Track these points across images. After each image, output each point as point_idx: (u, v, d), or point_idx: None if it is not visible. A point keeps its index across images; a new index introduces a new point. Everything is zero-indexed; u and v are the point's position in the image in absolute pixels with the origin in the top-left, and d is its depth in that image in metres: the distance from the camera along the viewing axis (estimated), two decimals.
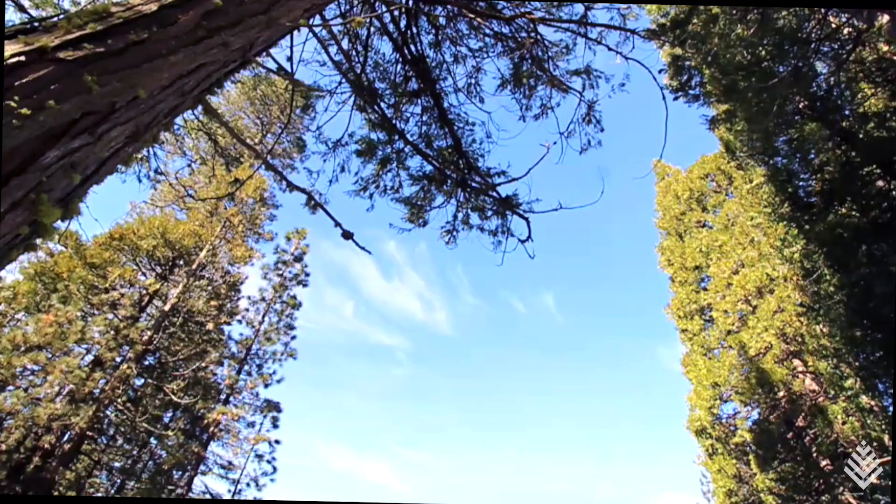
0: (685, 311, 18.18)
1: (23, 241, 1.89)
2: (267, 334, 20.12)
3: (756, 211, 13.74)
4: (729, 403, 16.13)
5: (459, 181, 6.44)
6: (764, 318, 13.98)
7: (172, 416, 16.15)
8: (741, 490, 15.60)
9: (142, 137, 2.41)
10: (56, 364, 13.53)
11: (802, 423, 14.60)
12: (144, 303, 15.97)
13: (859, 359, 11.65)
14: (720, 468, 15.61)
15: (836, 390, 12.57)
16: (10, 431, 14.17)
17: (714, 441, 15.81)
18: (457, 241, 7.28)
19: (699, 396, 16.02)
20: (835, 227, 10.42)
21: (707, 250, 17.74)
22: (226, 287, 18.03)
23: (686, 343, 18.04)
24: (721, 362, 15.52)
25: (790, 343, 13.76)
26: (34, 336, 13.81)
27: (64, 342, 14.01)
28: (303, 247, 22.63)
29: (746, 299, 15.32)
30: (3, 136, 1.72)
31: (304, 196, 5.72)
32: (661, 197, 21.87)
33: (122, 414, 14.53)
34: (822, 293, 11.52)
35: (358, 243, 4.49)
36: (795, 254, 12.02)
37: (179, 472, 16.30)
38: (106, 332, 14.74)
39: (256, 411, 18.78)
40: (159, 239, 16.15)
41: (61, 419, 12.89)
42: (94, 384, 13.75)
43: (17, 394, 13.85)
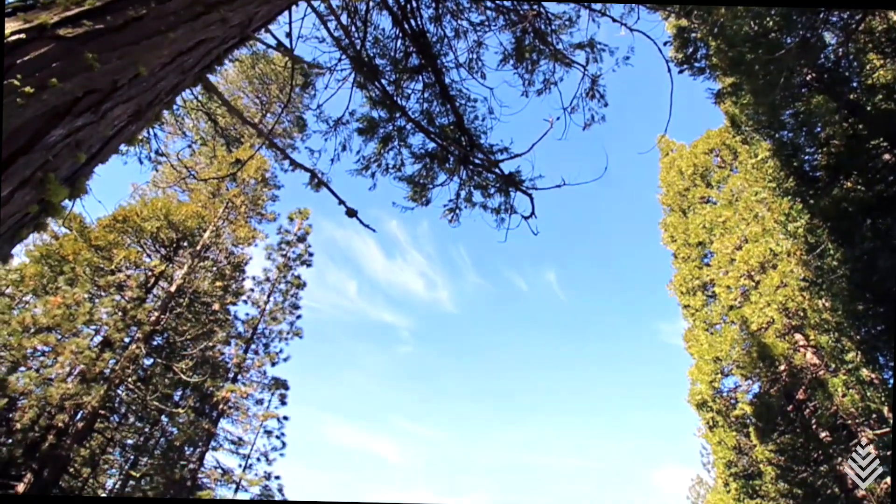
0: (687, 287, 18.24)
1: (32, 219, 1.92)
2: (272, 314, 20.34)
3: (760, 186, 13.63)
4: (730, 377, 16.33)
5: (462, 158, 6.41)
6: (766, 294, 14.02)
7: (182, 395, 16.47)
8: (741, 461, 15.91)
9: (144, 116, 2.41)
10: (66, 345, 13.76)
11: (802, 395, 14.78)
12: (150, 284, 16.11)
13: (860, 332, 11.73)
14: (720, 440, 15.89)
15: (836, 364, 12.67)
16: (24, 411, 14.50)
17: (714, 414, 16.06)
18: (459, 220, 7.28)
19: (700, 371, 16.20)
20: (840, 202, 10.35)
21: (710, 226, 17.68)
22: (230, 268, 18.14)
23: (688, 319, 18.16)
24: (723, 337, 15.64)
25: (792, 318, 13.82)
26: (43, 318, 14.01)
27: (73, 323, 14.21)
28: (305, 227, 22.66)
29: (749, 275, 15.33)
30: (8, 115, 1.73)
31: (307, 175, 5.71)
32: (665, 173, 21.69)
33: (132, 393, 14.82)
34: (826, 268, 11.52)
35: (362, 221, 4.50)
36: (799, 229, 11.97)
37: (191, 447, 16.72)
38: (113, 313, 14.92)
39: (264, 389, 19.14)
40: (163, 220, 16.18)
41: (73, 398, 13.15)
42: (105, 364, 13.99)
43: (29, 374, 14.13)
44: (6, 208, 1.76)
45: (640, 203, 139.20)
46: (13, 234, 1.85)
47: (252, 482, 17.89)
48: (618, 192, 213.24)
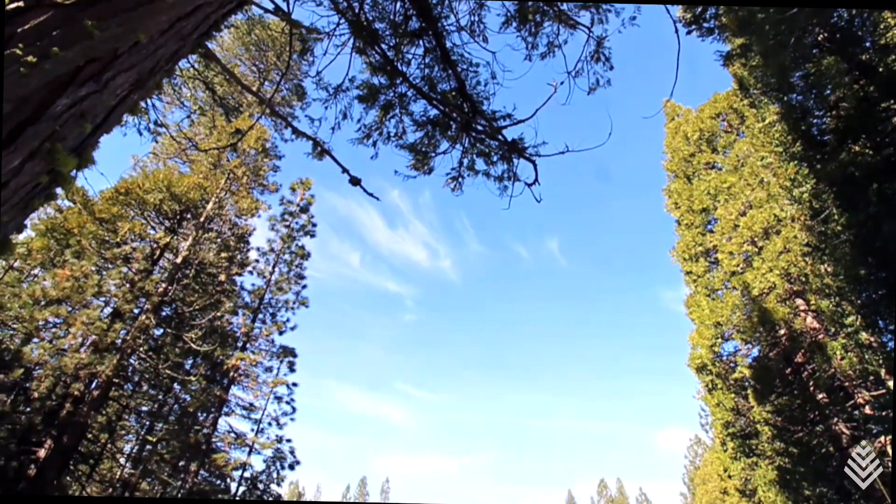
0: (690, 254, 18.26)
1: (43, 190, 1.95)
2: (278, 284, 20.57)
3: (767, 151, 13.44)
4: (730, 342, 16.56)
5: (464, 125, 6.33)
6: (769, 259, 14.04)
7: (193, 363, 16.86)
8: (738, 422, 16.33)
9: (146, 85, 2.40)
10: (77, 316, 14.02)
11: (801, 359, 15.01)
12: (156, 256, 16.24)
13: (861, 297, 11.80)
14: (719, 402, 16.25)
15: (836, 328, 12.80)
16: (40, 380, 14.93)
17: (714, 377, 16.37)
18: (462, 188, 7.26)
19: (701, 335, 16.41)
20: (846, 166, 10.23)
21: (715, 192, 17.54)
22: (234, 239, 18.23)
23: (690, 285, 18.26)
24: (724, 303, 15.77)
25: (794, 283, 13.88)
26: (53, 290, 14.22)
27: (82, 295, 14.43)
28: (308, 197, 22.61)
29: (752, 241, 15.31)
30: (13, 85, 1.74)
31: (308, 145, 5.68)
32: (670, 138, 21.36)
33: (144, 362, 15.18)
34: (829, 233, 11.50)
35: (366, 189, 4.51)
36: (805, 194, 11.88)
37: (204, 413, 17.25)
38: (121, 285, 15.12)
39: (273, 357, 19.57)
40: (165, 193, 16.17)
41: (87, 368, 13.50)
42: (116, 335, 14.28)
43: (43, 345, 14.47)
44: (18, 179, 1.79)
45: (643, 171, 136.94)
46: (25, 204, 1.89)
47: (264, 445, 18.54)
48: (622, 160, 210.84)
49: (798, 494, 15.36)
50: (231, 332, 17.91)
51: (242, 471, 18.24)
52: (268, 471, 19.22)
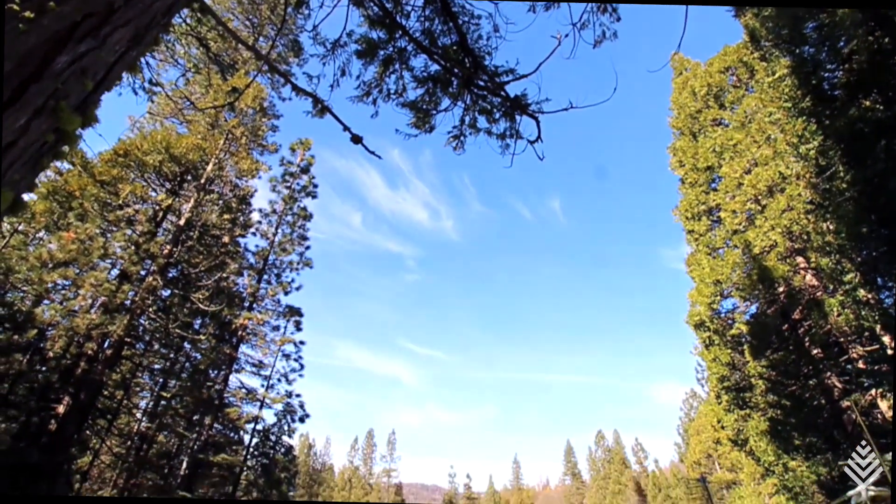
0: (693, 213, 18.19)
1: (50, 148, 1.97)
2: (282, 245, 20.71)
3: (776, 106, 13.13)
4: (729, 299, 16.77)
5: (466, 81, 6.21)
6: (772, 217, 14.00)
7: (202, 323, 17.24)
8: (733, 376, 16.78)
9: (143, 40, 2.38)
10: (85, 278, 14.23)
11: (798, 315, 15.25)
12: (159, 218, 16.29)
13: (861, 254, 11.86)
14: (715, 357, 16.63)
15: (834, 285, 12.93)
16: (54, 340, 15.33)
17: (711, 333, 16.68)
18: (464, 147, 7.19)
19: (700, 293, 16.60)
20: (855, 122, 10.03)
21: (721, 150, 17.28)
22: (236, 201, 18.20)
23: (691, 243, 18.30)
24: (724, 261, 15.86)
25: (795, 241, 13.91)
26: (59, 253, 14.37)
27: (88, 258, 14.59)
28: (308, 158, 22.39)
29: (756, 199, 15.22)
30: (13, 42, 1.73)
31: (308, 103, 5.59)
32: (677, 94, 20.82)
33: (154, 322, 15.53)
34: (834, 190, 11.42)
35: (367, 147, 4.48)
36: (811, 150, 11.71)
37: (215, 370, 17.81)
38: (127, 247, 15.25)
39: (279, 316, 19.98)
40: (164, 154, 16.02)
41: (99, 328, 13.82)
42: (125, 296, 14.53)
43: (54, 307, 14.77)
44: (25, 137, 1.82)
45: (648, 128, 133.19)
46: (35, 163, 1.92)
47: (275, 400, 19.24)
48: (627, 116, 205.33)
49: (788, 443, 15.96)
50: (237, 292, 18.20)
51: (255, 424, 19.02)
52: (279, 424, 20.04)
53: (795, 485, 16.00)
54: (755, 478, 31.62)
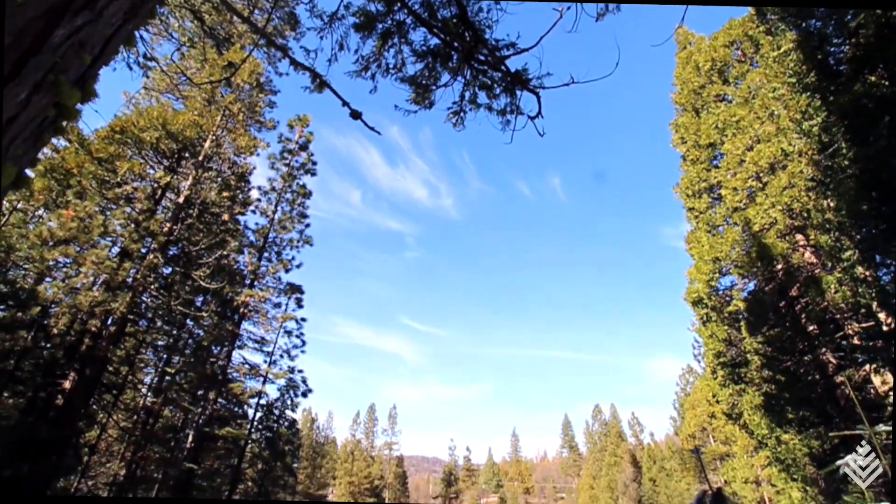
0: (694, 190, 18.13)
1: (51, 123, 1.97)
2: (282, 223, 20.70)
3: (780, 81, 12.94)
4: (727, 277, 16.86)
5: (466, 55, 6.12)
6: (773, 195, 13.96)
7: (204, 300, 17.38)
8: (729, 352, 17.00)
9: (139, 13, 2.35)
10: (86, 256, 14.27)
11: (796, 292, 15.36)
12: (158, 196, 16.24)
13: (861, 232, 11.88)
14: (712, 333, 16.81)
15: (833, 262, 12.99)
16: (57, 317, 15.47)
17: (709, 310, 16.82)
18: (464, 123, 7.13)
19: (699, 270, 16.68)
20: (860, 98, 9.92)
21: (723, 126, 17.10)
22: (235, 178, 18.12)
23: (691, 221, 18.29)
24: (724, 238, 15.88)
25: (795, 218, 13.90)
26: (59, 231, 14.37)
27: (89, 236, 14.60)
28: (307, 135, 22.17)
29: (758, 176, 15.14)
30: (11, 14, 1.72)
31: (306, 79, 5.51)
32: (681, 69, 20.48)
33: (157, 299, 15.64)
34: (836, 167, 11.36)
35: (366, 123, 4.45)
36: (814, 127, 11.59)
37: (218, 347, 18.04)
38: (126, 225, 15.25)
39: (281, 294, 20.14)
40: (161, 131, 15.87)
41: (102, 305, 13.93)
42: (126, 273, 14.61)
43: (56, 284, 14.85)
44: (26, 112, 1.82)
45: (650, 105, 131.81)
46: (36, 138, 1.93)
47: (278, 375, 19.54)
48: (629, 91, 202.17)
49: (781, 417, 16.29)
50: (238, 270, 18.29)
51: (258, 398, 19.37)
52: (282, 398, 20.40)
53: (787, 457, 16.40)
54: (748, 450, 32.40)
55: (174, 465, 17.65)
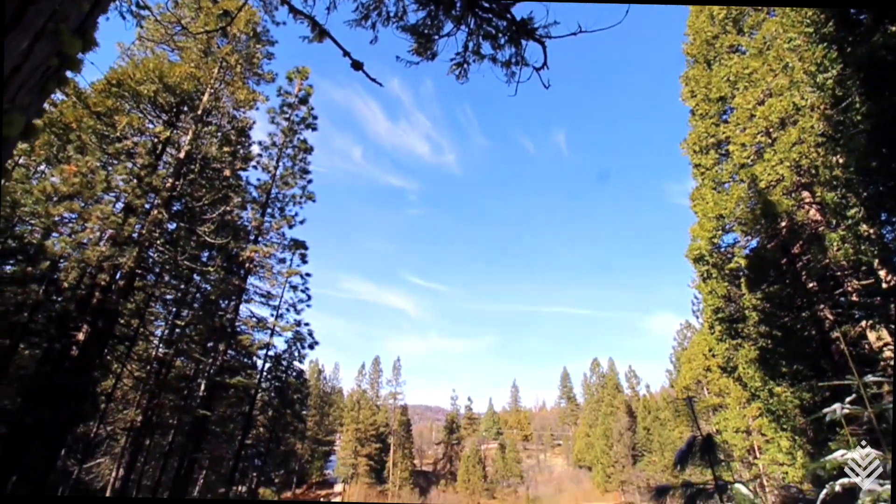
0: (701, 146, 17.82)
1: (55, 73, 1.98)
2: (284, 178, 20.60)
3: (797, 32, 12.43)
4: (730, 234, 16.87)
5: (470, 2, 5.91)
6: (781, 151, 13.73)
7: (209, 256, 17.60)
8: (728, 308, 17.26)
9: None
10: (91, 211, 14.34)
11: (798, 250, 15.40)
12: (159, 151, 16.11)
13: (868, 189, 11.76)
14: (712, 290, 17.01)
15: (837, 219, 12.94)
16: (67, 272, 15.74)
17: (710, 267, 16.95)
18: (468, 76, 6.97)
19: (702, 228, 16.67)
20: (878, 49, 9.56)
21: (735, 79, 16.58)
22: (235, 133, 17.88)
23: (697, 178, 18.10)
24: (729, 195, 15.77)
25: (802, 175, 13.72)
26: (63, 186, 14.38)
27: (92, 191, 14.61)
28: (306, 88, 21.66)
29: (767, 131, 14.83)
30: None
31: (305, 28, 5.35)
32: (694, 18, 19.63)
33: (163, 254, 15.84)
34: (848, 122, 11.11)
35: (368, 74, 4.37)
36: (829, 80, 11.25)
37: (225, 301, 18.44)
38: (129, 180, 15.23)
39: (285, 249, 20.35)
40: (158, 83, 15.53)
41: (109, 260, 14.14)
42: (131, 229, 14.73)
43: (63, 239, 15.01)
44: (29, 62, 1.82)
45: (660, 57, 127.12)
46: (41, 88, 1.94)
47: (284, 328, 20.07)
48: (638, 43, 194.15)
49: (775, 371, 16.75)
50: (242, 226, 18.40)
51: (266, 350, 19.99)
52: (289, 350, 21.05)
53: (779, 408, 16.98)
54: (741, 402, 33.50)
55: (188, 411, 18.46)
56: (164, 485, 20.14)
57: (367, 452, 68.03)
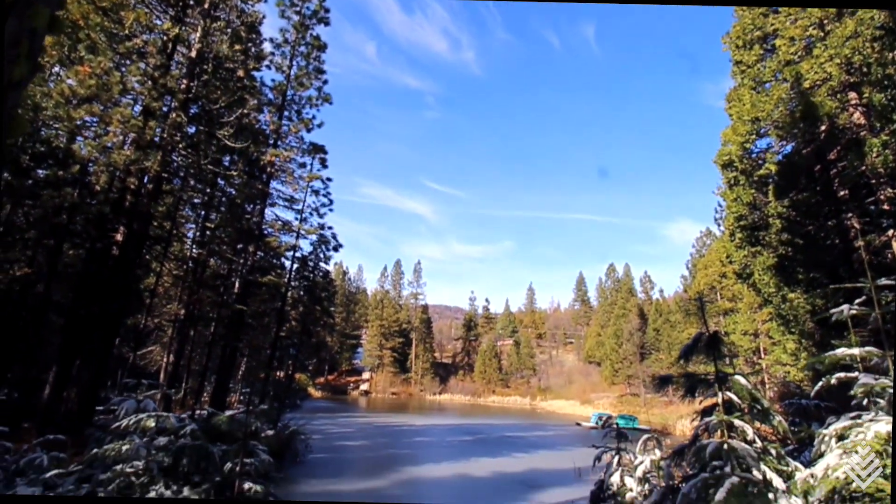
0: (745, 40, 16.31)
1: None
2: (298, 79, 19.93)
3: None
4: (763, 140, 16.08)
5: None
6: (833, 45, 12.52)
7: (231, 160, 17.78)
8: (752, 216, 17.02)
9: None
10: (111, 114, 14.37)
11: (834, 156, 14.71)
12: (169, 50, 15.61)
13: None
14: (737, 197, 16.66)
15: (882, 123, 12.16)
16: (97, 175, 16.22)
17: (738, 174, 16.44)
18: None
19: (735, 132, 15.90)
20: None
21: None
22: (245, 29, 17.03)
23: (737, 76, 16.83)
24: (769, 96, 14.76)
25: (852, 74, 12.64)
26: (80, 89, 14.26)
27: (109, 93, 14.49)
28: None
29: (821, 23, 13.41)
30: None
31: None
32: None
33: (186, 159, 16.07)
34: None
35: None
36: None
37: (250, 204, 18.97)
38: (144, 81, 14.98)
39: (304, 154, 20.35)
40: None
41: (136, 164, 14.43)
42: (153, 133, 14.82)
43: (89, 143, 15.25)
44: None
45: None
46: None
47: (309, 231, 20.79)
48: None
49: (791, 277, 16.89)
50: (261, 129, 18.27)
51: (294, 252, 20.92)
52: (315, 252, 21.99)
53: (790, 313, 17.39)
54: (752, 307, 34.28)
55: (226, 306, 19.95)
56: (211, 369, 22.46)
57: (392, 346, 73.32)
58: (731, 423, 4.33)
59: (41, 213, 16.09)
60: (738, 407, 4.65)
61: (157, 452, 5.60)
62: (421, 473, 17.83)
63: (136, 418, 5.80)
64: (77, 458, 6.64)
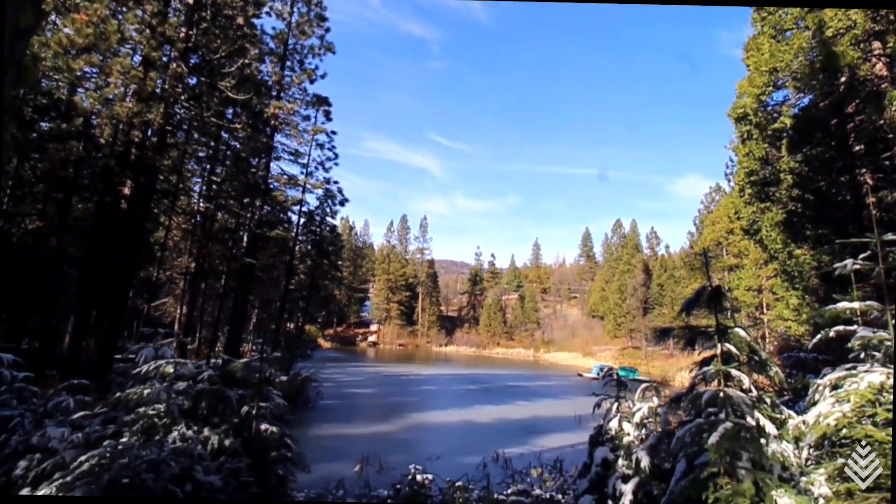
0: None
1: None
2: (300, 27, 19.26)
3: None
4: (781, 92, 15.55)
5: None
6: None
7: (234, 113, 17.50)
8: (763, 171, 16.73)
9: None
10: (111, 65, 14.06)
11: (852, 109, 14.25)
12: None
13: None
14: (749, 151, 16.33)
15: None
16: (101, 128, 16.09)
17: (752, 127, 16.03)
18: None
19: (752, 83, 15.37)
20: None
21: None
22: None
23: (756, 24, 16.06)
24: (789, 45, 14.15)
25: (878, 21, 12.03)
26: (77, 38, 13.90)
27: (107, 42, 14.12)
28: None
29: None
30: None
31: None
32: None
33: (189, 111, 15.85)
34: None
35: None
36: None
37: (255, 158, 18.86)
38: (141, 30, 14.55)
39: (308, 106, 19.95)
40: None
41: (139, 116, 14.26)
42: (154, 84, 14.55)
43: (90, 94, 15.04)
44: None
45: None
46: None
47: (315, 185, 20.76)
48: None
49: (798, 234, 16.81)
50: (263, 80, 17.85)
51: (300, 206, 20.97)
52: (321, 207, 22.04)
53: (795, 269, 17.44)
54: (758, 263, 34.31)
55: (235, 259, 20.27)
56: (223, 321, 23.10)
57: (398, 299, 74.61)
58: (728, 372, 4.49)
59: (48, 166, 16.11)
60: (736, 358, 4.79)
61: (177, 396, 5.88)
62: (427, 419, 18.68)
63: (156, 364, 6.05)
64: (100, 401, 6.99)
